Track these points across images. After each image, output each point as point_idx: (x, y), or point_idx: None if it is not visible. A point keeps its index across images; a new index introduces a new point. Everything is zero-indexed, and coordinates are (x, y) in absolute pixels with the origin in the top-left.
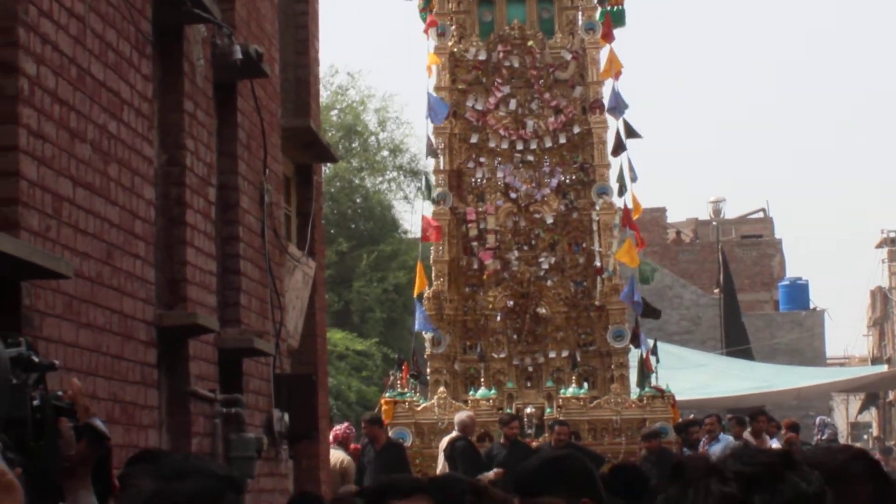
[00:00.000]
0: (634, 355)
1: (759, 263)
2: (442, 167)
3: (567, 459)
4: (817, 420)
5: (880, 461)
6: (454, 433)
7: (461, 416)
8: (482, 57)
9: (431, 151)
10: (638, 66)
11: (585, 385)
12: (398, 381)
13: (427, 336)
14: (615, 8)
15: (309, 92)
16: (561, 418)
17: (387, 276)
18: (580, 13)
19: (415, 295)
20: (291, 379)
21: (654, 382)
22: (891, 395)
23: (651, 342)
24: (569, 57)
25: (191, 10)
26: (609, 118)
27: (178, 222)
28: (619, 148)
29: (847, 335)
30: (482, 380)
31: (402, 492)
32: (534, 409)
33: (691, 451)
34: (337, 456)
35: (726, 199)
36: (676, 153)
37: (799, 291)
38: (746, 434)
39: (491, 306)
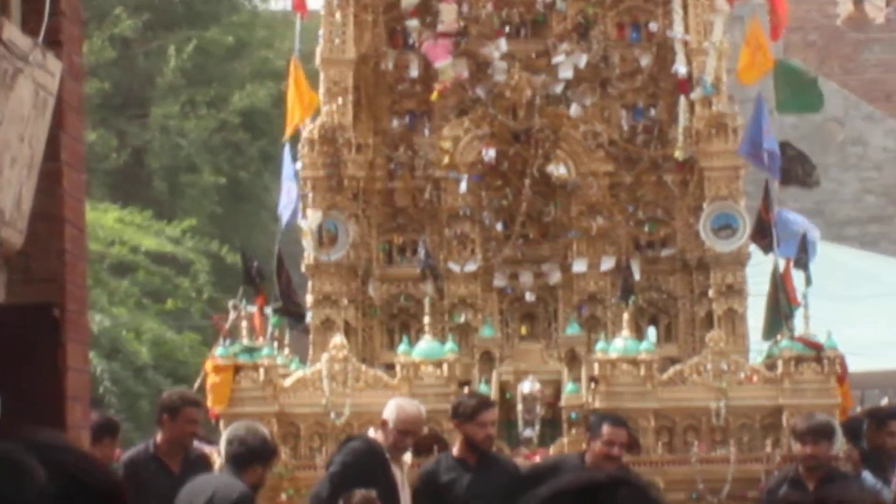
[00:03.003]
0: (759, 269)
1: None
2: None
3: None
4: None
5: None
6: (365, 433)
7: (399, 404)
8: None
9: None
10: None
11: (651, 332)
12: (245, 322)
13: (307, 227)
14: None
15: None
16: (602, 411)
17: (225, 95)
18: None
19: (285, 136)
20: (8, 315)
21: (799, 330)
22: None
23: (798, 237)
24: None
25: None
26: None
27: None
28: None
29: None
30: (426, 320)
31: None
32: (537, 386)
33: (881, 474)
34: None
35: None
36: None
37: None
38: None
39: (447, 161)
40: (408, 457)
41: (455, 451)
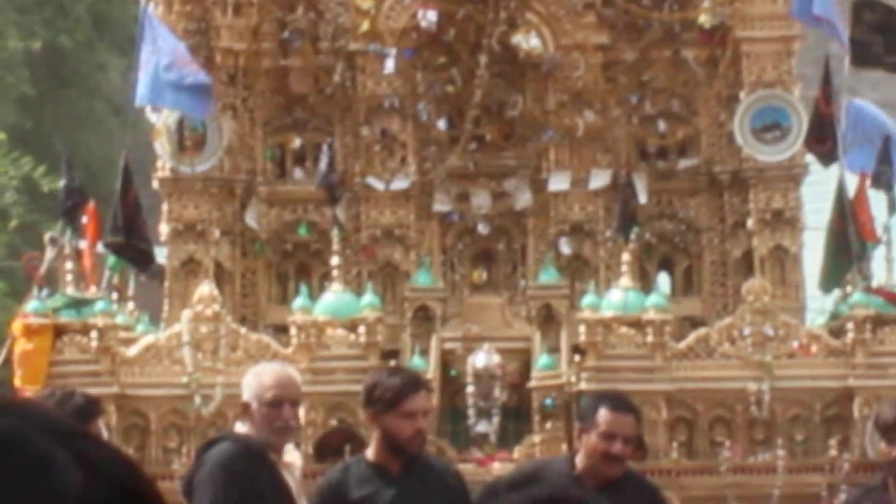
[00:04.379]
0: (821, 189)
1: None
2: None
3: None
4: None
5: None
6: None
7: (254, 373)
8: None
9: None
10: None
11: (664, 281)
12: (69, 264)
13: (160, 124)
14: None
15: None
16: (597, 392)
17: None
18: None
19: None
20: None
21: (878, 279)
22: None
23: (877, 142)
24: None
25: None
26: None
27: None
28: None
29: None
30: (334, 261)
31: None
32: (496, 359)
33: None
34: None
35: None
36: None
37: None
38: None
39: (366, 28)
40: (296, 458)
41: (370, 453)
